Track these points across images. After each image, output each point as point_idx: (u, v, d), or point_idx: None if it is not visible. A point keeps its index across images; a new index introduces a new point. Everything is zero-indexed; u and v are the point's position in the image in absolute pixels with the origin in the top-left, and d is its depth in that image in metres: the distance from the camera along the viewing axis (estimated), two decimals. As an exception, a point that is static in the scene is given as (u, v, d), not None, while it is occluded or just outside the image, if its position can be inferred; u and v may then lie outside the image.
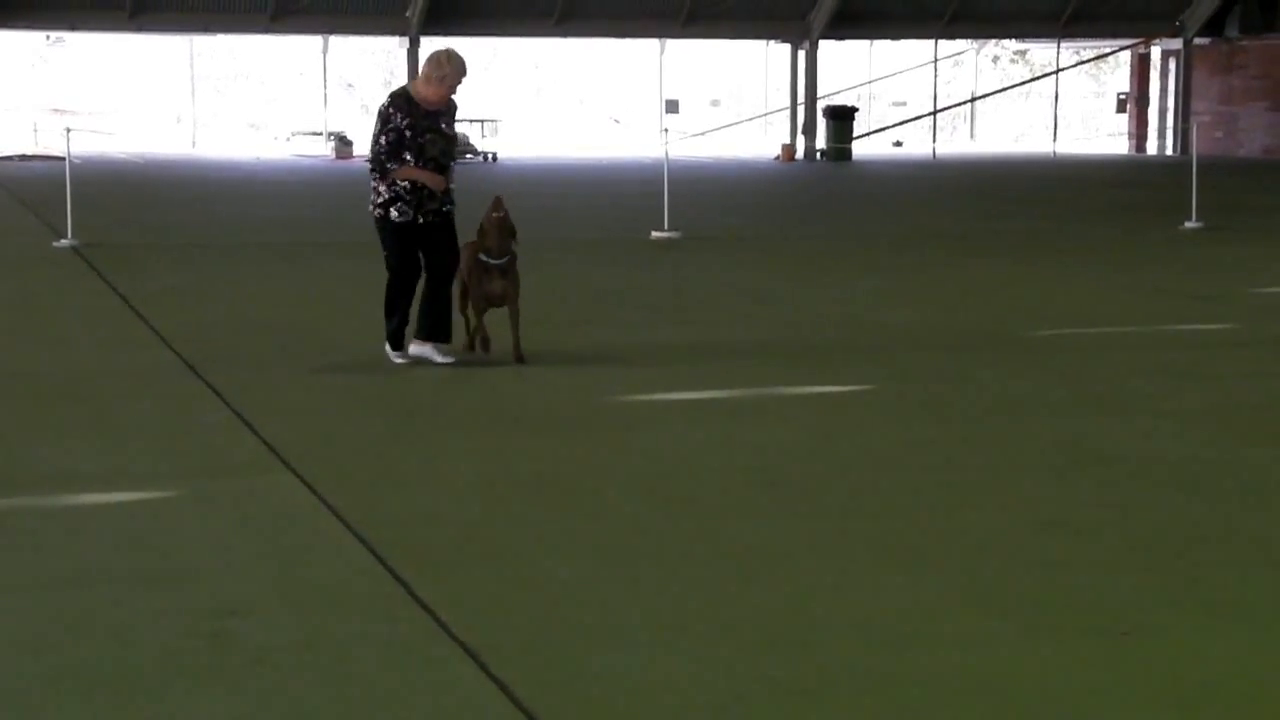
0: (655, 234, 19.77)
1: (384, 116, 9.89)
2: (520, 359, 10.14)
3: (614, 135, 72.95)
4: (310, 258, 17.45)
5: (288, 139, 61.28)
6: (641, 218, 21.70)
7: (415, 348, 10.09)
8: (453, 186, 10.15)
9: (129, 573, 5.77)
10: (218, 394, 9.09)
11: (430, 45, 45.56)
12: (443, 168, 10.00)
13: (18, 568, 5.82)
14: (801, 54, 47.06)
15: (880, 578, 5.80)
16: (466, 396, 9.27)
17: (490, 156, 45.92)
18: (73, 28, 45.61)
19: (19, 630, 5.14)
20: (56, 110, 59.07)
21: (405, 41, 44.53)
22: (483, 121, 51.91)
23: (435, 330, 10.10)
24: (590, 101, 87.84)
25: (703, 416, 8.76)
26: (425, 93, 9.91)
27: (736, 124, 51.71)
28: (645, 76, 65.52)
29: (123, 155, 43.66)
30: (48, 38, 68.46)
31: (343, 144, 47.31)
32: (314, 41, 52.05)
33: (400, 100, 9.91)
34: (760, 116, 56.40)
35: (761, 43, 51.86)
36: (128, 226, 21.07)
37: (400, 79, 50.14)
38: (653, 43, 52.90)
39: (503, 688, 4.67)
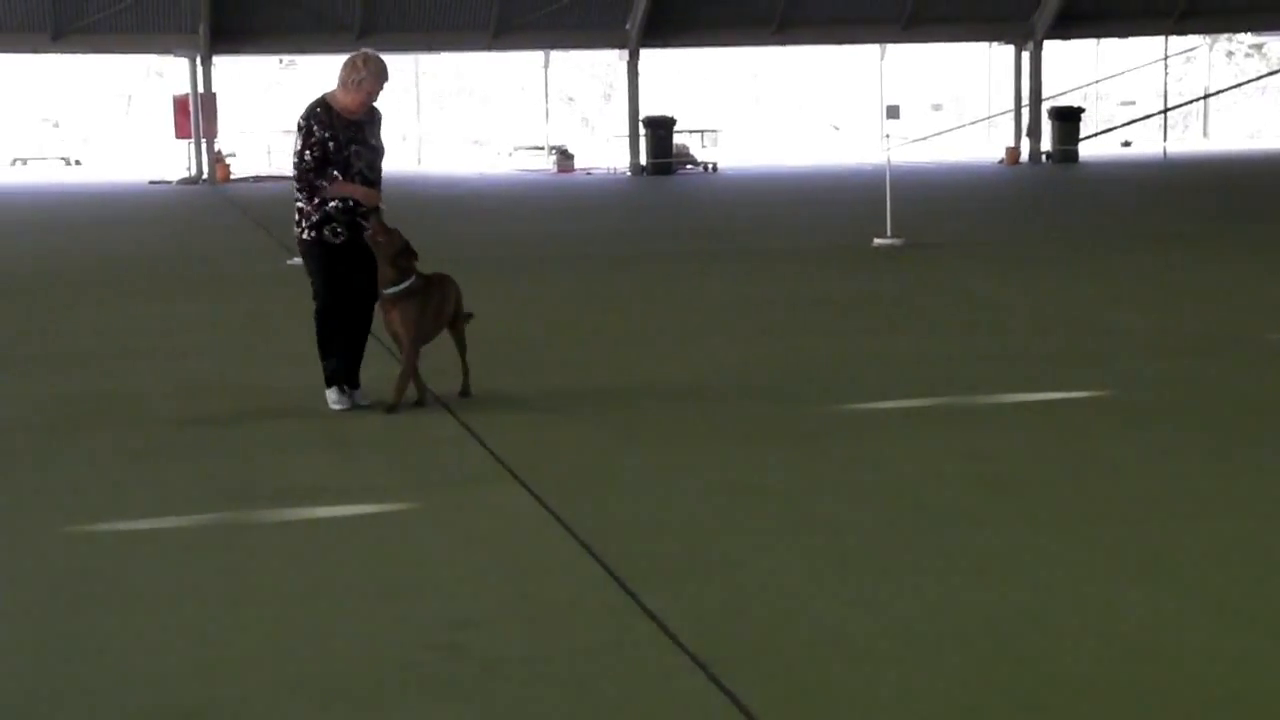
0: (878, 241, 19.63)
1: (304, 131, 8.94)
2: (390, 407, 9.01)
3: (834, 142, 72.65)
4: (531, 272, 17.64)
5: (510, 154, 62.31)
6: (863, 224, 21.57)
7: (328, 393, 9.20)
8: (383, 208, 9.14)
9: (365, 584, 5.87)
10: (445, 406, 9.23)
11: (650, 57, 46.00)
12: (370, 183, 9.09)
13: (259, 580, 5.97)
14: (1025, 55, 46.39)
15: (1119, 588, 5.65)
16: (688, 407, 9.27)
17: (710, 167, 46.05)
18: (303, 51, 46.92)
19: (261, 640, 5.27)
20: (288, 132, 60.80)
21: (625, 54, 44.86)
22: (702, 132, 52.12)
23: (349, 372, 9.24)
24: (809, 109, 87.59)
25: (928, 424, 8.64)
26: (344, 100, 9.01)
27: (959, 128, 51.14)
28: (865, 82, 65.16)
29: (352, 174, 44.61)
30: (280, 61, 70.48)
31: (564, 157, 47.88)
32: (535, 57, 52.75)
33: (319, 112, 8.97)
34: (983, 120, 55.67)
35: (984, 44, 51.20)
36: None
37: (620, 92, 50.53)
38: (872, 48, 52.56)
39: (734, 699, 4.65)
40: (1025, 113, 46.50)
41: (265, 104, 75.12)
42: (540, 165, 50.33)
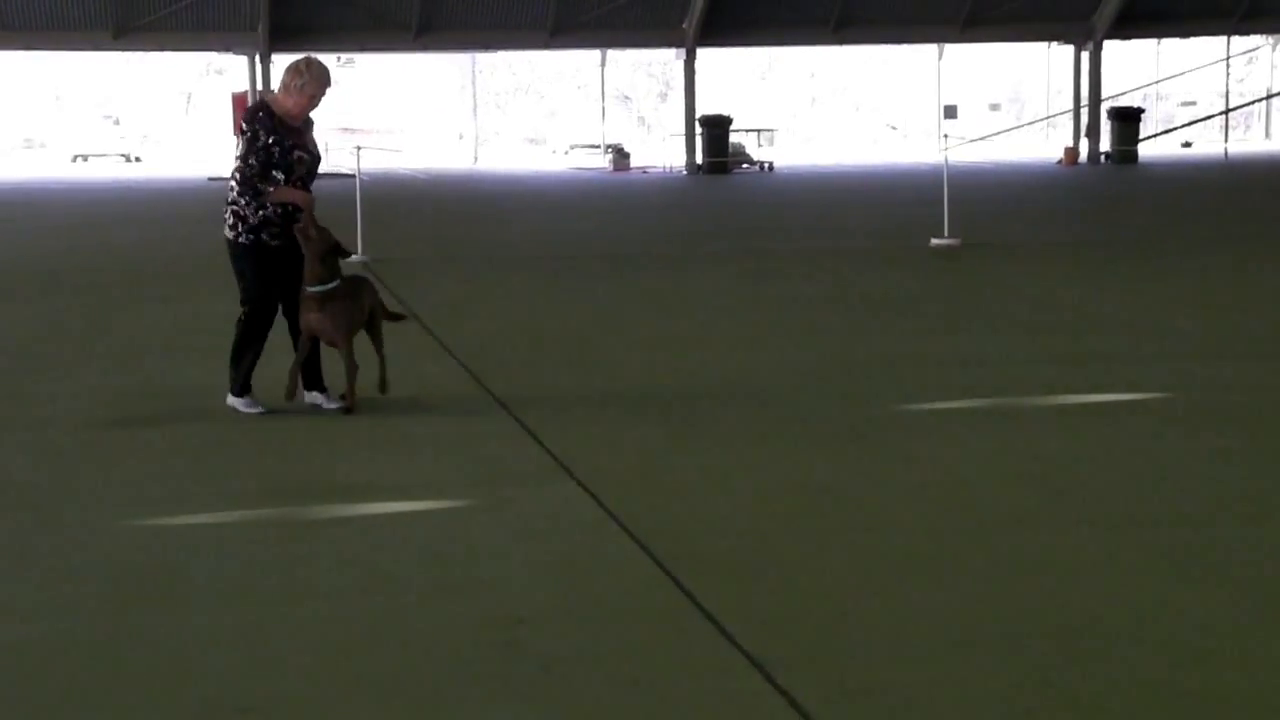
0: (934, 241, 19.55)
1: (249, 135, 8.92)
2: (348, 408, 9.04)
3: (891, 142, 72.43)
4: (587, 270, 17.66)
5: (566, 152, 62.44)
6: (920, 225, 21.48)
7: (231, 399, 9.17)
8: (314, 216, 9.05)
9: (422, 581, 5.89)
10: (501, 404, 9.24)
11: (707, 56, 45.93)
12: (306, 188, 9.07)
13: (317, 575, 5.99)
14: (1085, 55, 46.08)
15: (1176, 591, 5.61)
16: (744, 406, 9.25)
17: (767, 166, 45.97)
18: (362, 49, 47.11)
19: (317, 637, 5.28)
20: (346, 129, 61.12)
21: (682, 53, 44.81)
22: (759, 131, 52.05)
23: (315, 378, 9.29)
24: (867, 109, 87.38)
25: (985, 425, 8.60)
26: (286, 105, 8.99)
27: (1017, 128, 50.91)
28: (923, 82, 64.92)
29: (408, 172, 44.88)
30: (338, 59, 70.74)
31: (620, 156, 47.88)
32: (592, 55, 52.80)
33: (263, 116, 8.94)
34: (1042, 120, 55.38)
35: (1043, 45, 50.91)
36: (414, 241, 21.62)
37: (677, 91, 50.50)
38: (930, 47, 52.34)
39: (790, 699, 4.64)
40: (1084, 113, 46.23)
41: (322, 102, 75.45)
42: (596, 164, 50.38)
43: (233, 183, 9.06)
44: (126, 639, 5.28)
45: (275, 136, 8.93)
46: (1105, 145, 45.30)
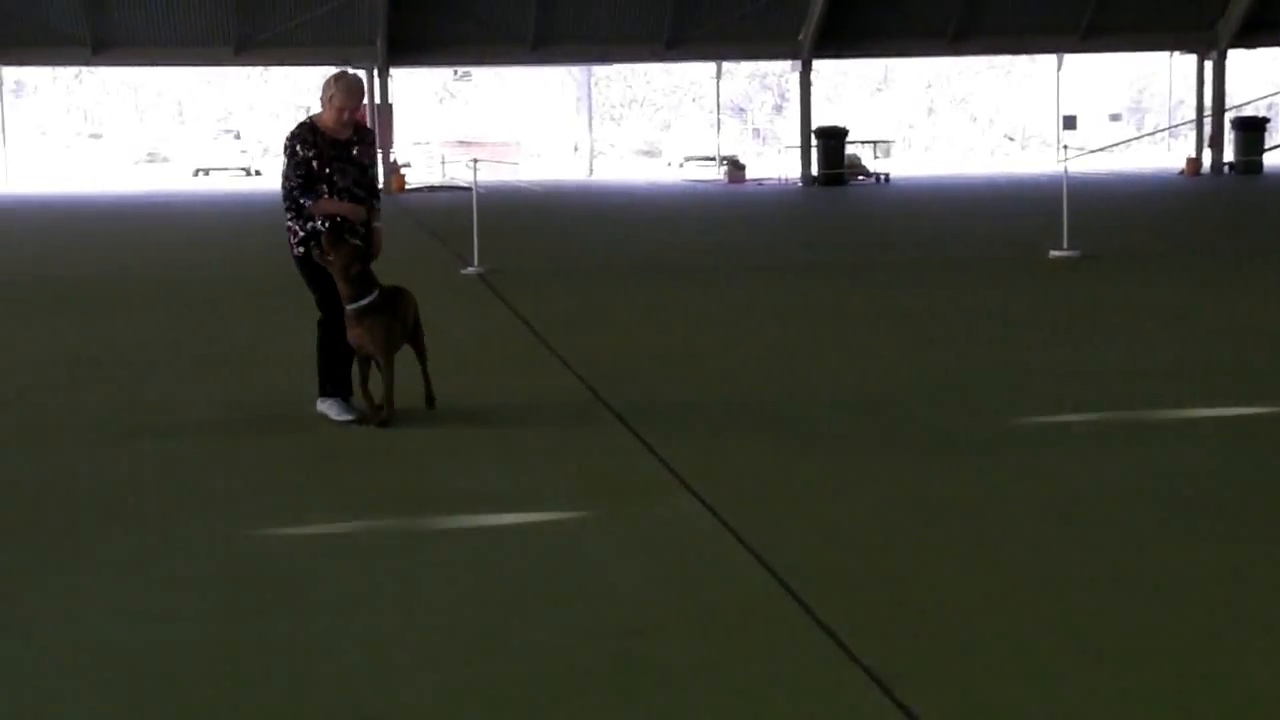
0: (1054, 253, 19.34)
1: (289, 152, 9.19)
2: (383, 421, 8.99)
3: (1009, 152, 71.82)
4: (702, 282, 17.62)
5: (681, 164, 62.51)
6: (1039, 236, 21.25)
7: (321, 404, 9.37)
8: (377, 225, 9.41)
9: (537, 591, 5.87)
10: (617, 416, 9.23)
11: (822, 68, 45.81)
12: (357, 199, 9.26)
13: (430, 586, 6.00)
14: (1208, 64, 45.40)
15: (1309, 610, 5.47)
16: (860, 418, 9.17)
17: (883, 177, 45.78)
18: (479, 63, 47.42)
19: (435, 646, 5.28)
20: (462, 142, 61.61)
21: (797, 65, 44.71)
22: (874, 142, 51.83)
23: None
24: (984, 119, 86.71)
25: (1110, 439, 8.46)
26: (326, 120, 9.20)
27: (1137, 138, 50.28)
28: (1041, 92, 64.31)
29: (524, 183, 45.10)
30: (455, 73, 71.38)
31: (735, 168, 47.89)
32: (707, 68, 52.83)
33: (305, 131, 9.19)
34: (1163, 130, 54.67)
35: (1165, 54, 50.25)
36: (529, 253, 21.71)
37: (793, 102, 50.38)
38: (1049, 57, 51.85)
39: (911, 715, 4.56)
40: (1207, 123, 45.56)
41: (439, 115, 76.21)
42: (711, 176, 50.40)
43: (284, 202, 9.29)
44: (247, 646, 5.31)
45: (314, 151, 9.14)
46: (1229, 155, 44.63)
